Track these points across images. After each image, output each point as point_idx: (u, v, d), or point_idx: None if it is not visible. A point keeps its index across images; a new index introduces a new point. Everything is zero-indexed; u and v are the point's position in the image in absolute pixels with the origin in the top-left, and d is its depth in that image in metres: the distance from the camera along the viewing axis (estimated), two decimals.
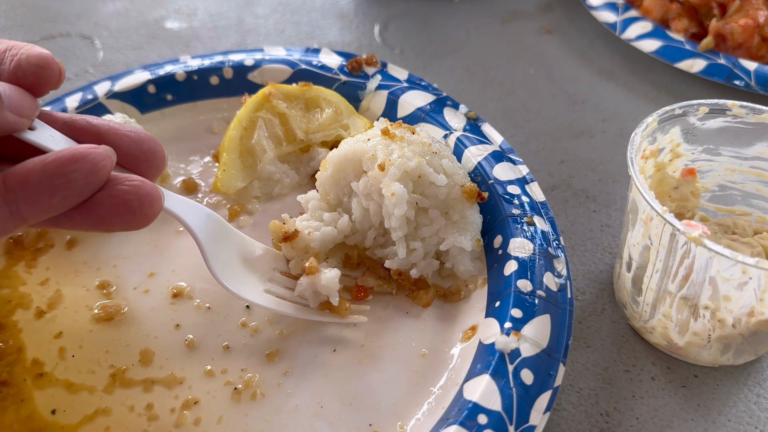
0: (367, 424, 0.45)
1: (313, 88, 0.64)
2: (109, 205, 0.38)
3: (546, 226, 0.52)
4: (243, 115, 0.61)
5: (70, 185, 0.36)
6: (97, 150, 0.38)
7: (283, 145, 0.62)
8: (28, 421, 0.44)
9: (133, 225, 0.39)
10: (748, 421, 0.47)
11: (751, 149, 0.51)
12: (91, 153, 0.37)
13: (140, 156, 0.42)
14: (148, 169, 0.43)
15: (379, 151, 0.51)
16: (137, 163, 0.43)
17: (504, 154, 0.59)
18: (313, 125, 0.63)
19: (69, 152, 0.37)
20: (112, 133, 0.42)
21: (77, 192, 0.37)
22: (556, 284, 0.48)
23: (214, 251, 0.48)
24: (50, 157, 0.36)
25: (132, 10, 0.96)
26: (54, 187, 0.36)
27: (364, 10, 0.96)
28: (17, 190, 0.35)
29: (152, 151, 0.43)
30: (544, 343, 0.45)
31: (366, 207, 0.52)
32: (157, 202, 0.39)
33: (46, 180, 0.36)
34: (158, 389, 0.46)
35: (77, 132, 0.42)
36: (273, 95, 0.61)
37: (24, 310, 0.51)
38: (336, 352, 0.49)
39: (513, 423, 0.41)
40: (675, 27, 0.81)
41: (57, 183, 0.36)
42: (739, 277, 0.40)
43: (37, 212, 0.36)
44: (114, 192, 0.38)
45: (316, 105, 0.64)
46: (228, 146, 0.59)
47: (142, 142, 0.42)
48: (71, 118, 0.43)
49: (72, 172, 0.36)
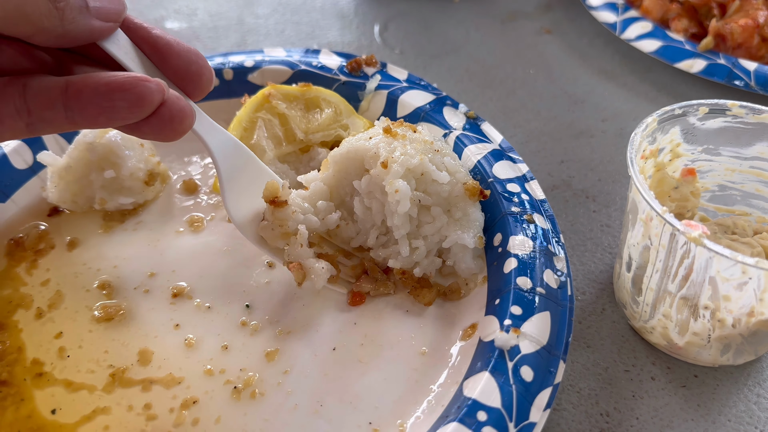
0: (366, 423, 0.45)
1: (312, 89, 0.64)
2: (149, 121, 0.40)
3: (546, 223, 0.52)
4: (243, 116, 0.61)
5: (114, 110, 0.39)
6: (147, 83, 0.39)
7: (282, 145, 0.62)
8: (27, 421, 0.44)
9: (162, 135, 0.41)
10: (748, 421, 0.47)
11: (751, 149, 0.51)
12: (139, 86, 0.39)
13: (186, 76, 0.44)
14: (193, 90, 0.45)
15: (382, 149, 0.51)
16: (184, 81, 0.45)
17: (504, 152, 0.59)
18: (312, 125, 0.63)
19: (122, 79, 0.39)
20: (166, 50, 0.44)
21: (121, 117, 0.39)
22: (556, 281, 0.48)
23: (232, 181, 0.50)
24: (106, 78, 0.39)
25: (132, 10, 0.95)
26: (102, 108, 0.38)
27: (364, 10, 0.96)
28: (73, 99, 0.38)
29: (198, 74, 0.45)
30: (544, 340, 0.44)
31: (368, 206, 0.52)
32: (187, 119, 0.42)
33: (96, 99, 0.38)
34: (157, 389, 0.46)
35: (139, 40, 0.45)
36: (273, 96, 0.62)
37: (24, 311, 0.51)
38: (335, 350, 0.49)
39: (513, 420, 0.40)
40: (675, 27, 0.81)
41: (105, 105, 0.38)
42: (739, 277, 0.40)
43: (87, 123, 0.39)
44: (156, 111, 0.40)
45: (315, 105, 0.64)
46: None
47: (191, 64, 0.44)
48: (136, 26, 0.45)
49: (118, 99, 0.38)
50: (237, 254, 0.56)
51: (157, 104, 0.40)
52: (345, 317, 0.51)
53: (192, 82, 0.45)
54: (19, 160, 0.59)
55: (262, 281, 0.54)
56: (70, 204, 0.58)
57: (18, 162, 0.59)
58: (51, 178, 0.58)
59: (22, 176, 0.59)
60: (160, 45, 0.44)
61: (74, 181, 0.57)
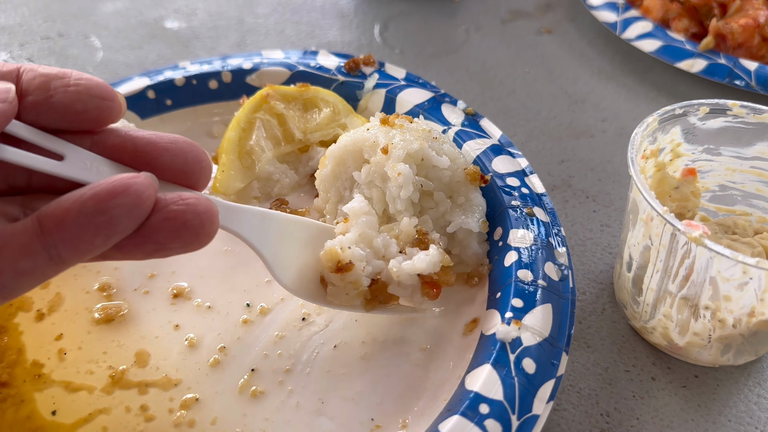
0: (369, 419, 0.44)
1: (310, 89, 0.64)
2: (168, 229, 0.34)
3: (546, 217, 0.52)
4: (241, 117, 0.61)
5: (113, 223, 0.32)
6: (138, 179, 0.33)
7: (281, 145, 0.62)
8: (27, 422, 0.44)
9: (194, 246, 0.36)
10: (749, 421, 0.47)
11: (752, 149, 0.51)
12: (133, 184, 0.33)
13: (185, 169, 0.38)
14: (196, 181, 0.39)
15: (381, 137, 0.51)
16: (184, 177, 0.38)
17: (503, 147, 0.59)
18: (311, 125, 0.63)
19: (108, 185, 0.32)
20: (150, 148, 0.37)
21: (122, 229, 0.33)
22: (557, 274, 0.48)
23: (277, 255, 0.45)
24: (88, 192, 0.32)
25: (131, 10, 0.96)
26: (96, 226, 0.32)
27: (364, 10, 0.96)
28: (55, 233, 0.32)
29: (198, 161, 0.38)
30: (546, 332, 0.44)
31: (369, 196, 0.52)
32: (216, 217, 0.36)
33: (85, 219, 0.32)
34: (157, 389, 0.46)
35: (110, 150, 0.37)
36: (271, 96, 0.61)
37: (25, 313, 0.51)
38: (337, 348, 0.49)
39: (516, 412, 0.40)
40: (675, 27, 0.81)
41: (98, 222, 0.32)
42: (740, 277, 0.40)
43: (80, 254, 0.33)
44: (170, 214, 0.34)
45: (314, 105, 0.64)
46: (226, 147, 0.59)
47: (186, 154, 0.38)
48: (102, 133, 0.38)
49: (114, 208, 0.32)
50: (237, 254, 0.55)
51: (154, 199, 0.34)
52: (346, 315, 0.51)
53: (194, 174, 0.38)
54: None
55: (262, 280, 0.54)
56: None
57: None
58: None
59: None
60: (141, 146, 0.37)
61: None
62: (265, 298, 0.52)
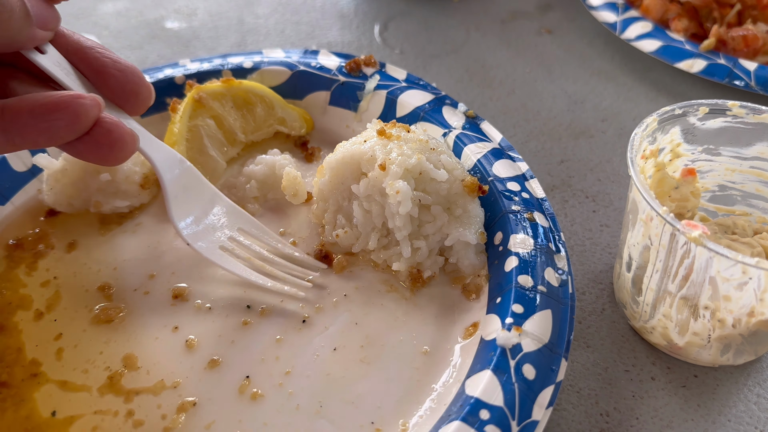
0: (369, 422, 0.45)
1: (235, 82, 0.63)
2: (87, 142, 0.41)
3: (546, 222, 0.52)
4: (181, 128, 0.58)
5: (52, 130, 0.39)
6: (81, 100, 0.40)
7: (225, 149, 0.62)
8: (25, 421, 0.44)
9: (107, 162, 0.43)
10: (748, 421, 0.47)
11: (751, 149, 0.51)
12: (74, 103, 0.39)
13: (123, 96, 0.45)
14: (132, 107, 0.46)
15: (378, 151, 0.51)
16: (123, 100, 0.46)
17: (503, 151, 0.59)
18: (249, 126, 0.63)
19: (55, 99, 0.39)
20: (101, 71, 0.45)
21: (59, 136, 0.40)
22: (557, 279, 0.48)
23: (179, 198, 0.51)
24: (41, 99, 0.39)
25: (132, 10, 0.96)
26: (40, 129, 0.39)
27: (364, 10, 0.96)
28: (10, 122, 0.39)
29: (135, 92, 0.46)
30: (545, 338, 0.44)
31: (368, 209, 0.52)
32: (128, 146, 0.43)
33: (33, 121, 0.39)
34: (156, 389, 0.46)
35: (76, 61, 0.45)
36: (204, 98, 0.60)
37: (24, 312, 0.51)
38: (336, 350, 0.49)
39: (515, 418, 0.40)
40: (675, 27, 0.81)
41: (42, 126, 0.39)
42: (739, 277, 0.40)
43: (27, 145, 0.40)
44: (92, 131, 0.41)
45: (245, 101, 0.63)
46: None
47: (127, 83, 0.45)
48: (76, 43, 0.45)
49: (55, 119, 0.39)
50: None
51: (94, 119, 0.41)
52: (346, 317, 0.51)
53: (130, 101, 0.46)
54: (19, 163, 0.59)
55: None
56: (66, 206, 0.58)
57: (17, 165, 0.59)
58: (47, 181, 0.57)
59: (22, 179, 0.59)
60: (96, 66, 0.45)
61: (70, 184, 0.57)
62: (265, 300, 0.52)
